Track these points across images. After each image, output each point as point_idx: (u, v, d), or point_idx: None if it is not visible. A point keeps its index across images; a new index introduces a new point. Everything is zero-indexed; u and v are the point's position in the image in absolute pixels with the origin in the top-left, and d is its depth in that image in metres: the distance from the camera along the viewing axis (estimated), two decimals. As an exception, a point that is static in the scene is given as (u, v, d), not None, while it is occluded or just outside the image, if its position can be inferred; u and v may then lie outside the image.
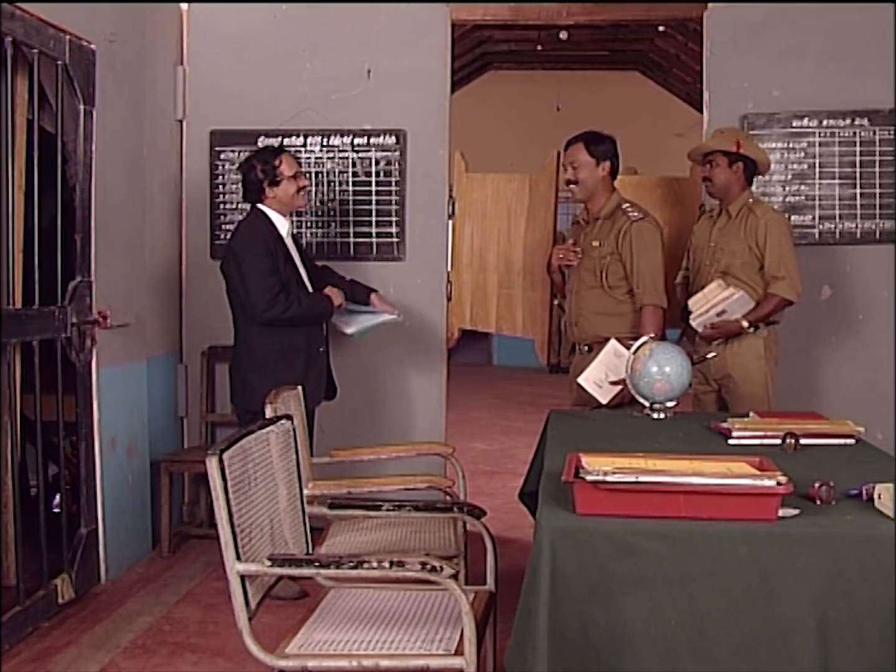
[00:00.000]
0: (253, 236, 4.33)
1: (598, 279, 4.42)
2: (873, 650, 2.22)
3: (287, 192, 4.39)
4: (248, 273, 4.23)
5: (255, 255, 4.25)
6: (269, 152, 4.43)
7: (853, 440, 3.28)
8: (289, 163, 4.40)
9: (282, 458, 2.93)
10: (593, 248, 4.43)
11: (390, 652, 2.58)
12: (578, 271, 4.49)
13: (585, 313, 4.46)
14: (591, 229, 4.48)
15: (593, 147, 4.43)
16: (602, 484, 2.26)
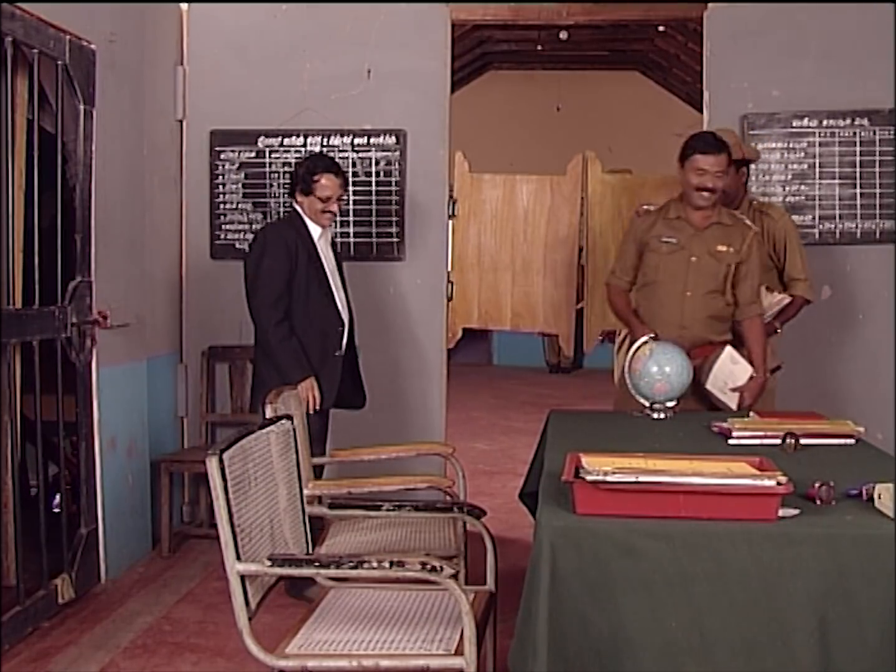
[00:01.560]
0: (274, 237, 4.31)
1: (720, 283, 4.24)
2: (874, 650, 2.21)
3: (313, 206, 4.33)
4: (261, 286, 4.23)
5: (269, 271, 4.22)
6: (319, 164, 4.36)
7: (853, 440, 3.28)
8: (328, 186, 4.31)
9: (282, 457, 2.93)
10: (719, 252, 4.22)
11: (390, 652, 2.58)
12: (693, 273, 4.23)
13: (700, 317, 4.22)
14: (710, 233, 4.23)
15: (730, 153, 4.25)
16: (602, 484, 2.25)
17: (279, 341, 4.19)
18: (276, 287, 4.21)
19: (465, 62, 12.34)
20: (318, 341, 4.31)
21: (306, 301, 4.29)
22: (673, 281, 4.25)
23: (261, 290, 4.22)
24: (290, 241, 4.28)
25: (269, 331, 4.20)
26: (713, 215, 4.25)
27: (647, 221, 4.36)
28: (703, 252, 4.22)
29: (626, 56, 12.88)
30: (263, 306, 4.21)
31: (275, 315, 4.20)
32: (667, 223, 4.29)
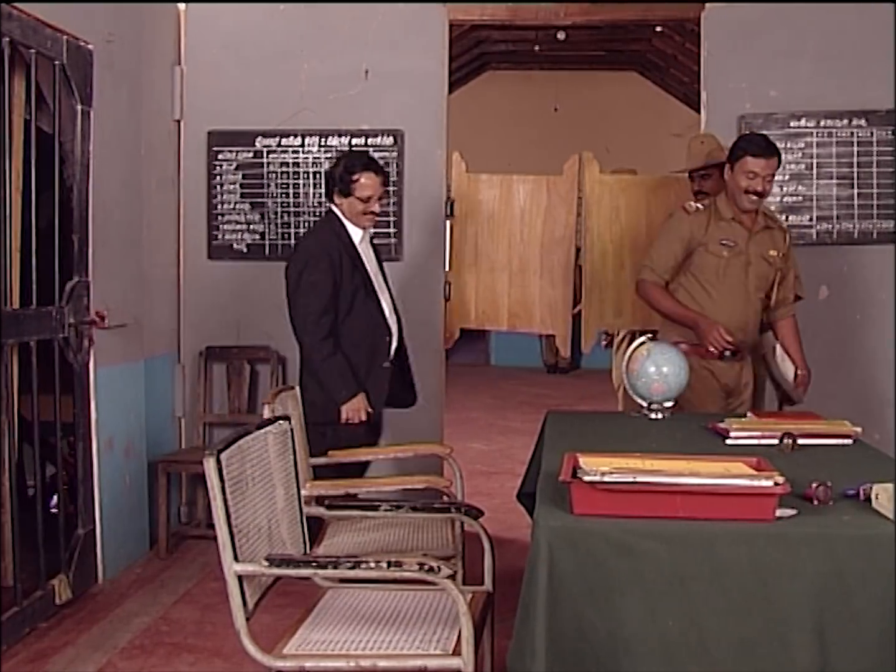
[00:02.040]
0: (317, 250, 4.11)
1: (769, 288, 4.28)
2: (872, 650, 2.22)
3: (352, 208, 4.15)
4: (303, 303, 4.07)
5: (311, 286, 4.05)
6: (358, 162, 4.17)
7: (851, 440, 3.28)
8: (369, 183, 4.13)
9: (280, 458, 2.93)
10: (771, 256, 4.25)
11: (388, 652, 2.58)
12: (752, 278, 4.23)
13: (754, 321, 4.29)
14: (762, 236, 4.25)
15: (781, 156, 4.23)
16: (599, 484, 2.26)
17: (323, 360, 4.05)
18: (319, 302, 4.04)
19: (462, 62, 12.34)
20: (365, 353, 4.16)
21: (351, 311, 4.12)
22: (734, 285, 4.21)
23: (303, 307, 4.06)
24: (333, 250, 4.09)
25: (313, 349, 4.07)
26: (758, 218, 4.25)
27: (698, 220, 4.25)
28: (758, 257, 4.22)
29: (624, 56, 12.89)
30: (307, 324, 4.06)
31: (318, 332, 4.04)
32: (722, 225, 4.22)
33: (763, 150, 4.10)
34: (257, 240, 5.41)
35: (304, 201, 5.39)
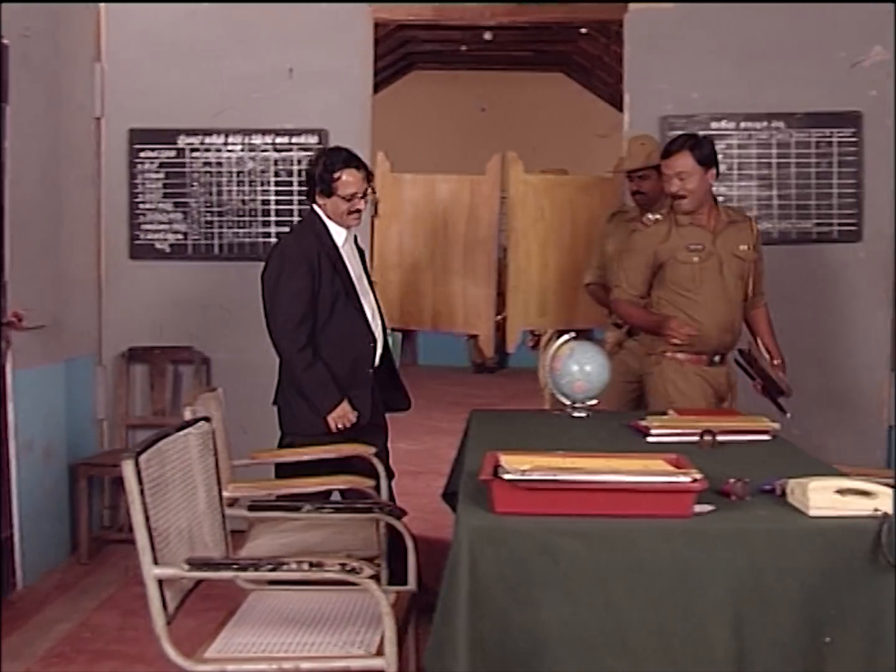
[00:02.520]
0: (294, 253, 3.92)
1: (745, 283, 4.22)
2: (787, 643, 2.26)
3: (336, 208, 3.96)
4: (281, 311, 3.90)
5: (288, 292, 3.88)
6: (337, 158, 3.96)
7: (769, 436, 3.33)
8: (351, 180, 3.93)
9: (201, 460, 2.89)
10: (742, 251, 4.17)
11: (311, 654, 2.56)
12: (728, 278, 4.15)
13: (739, 319, 4.24)
14: (728, 234, 4.17)
15: (698, 153, 4.06)
16: (520, 483, 2.26)
17: (303, 370, 3.89)
18: (297, 309, 3.87)
19: (389, 62, 12.31)
20: (347, 361, 3.99)
21: (331, 318, 3.94)
22: (713, 289, 4.14)
23: (281, 314, 3.89)
24: (311, 253, 3.91)
25: (292, 358, 3.91)
26: (720, 215, 4.19)
27: (658, 232, 4.18)
28: (730, 255, 4.16)
29: (550, 57, 12.96)
30: (284, 332, 3.89)
31: (297, 340, 3.87)
32: (683, 231, 4.14)
33: (665, 150, 4.14)
34: (180, 239, 5.35)
35: (228, 200, 5.34)
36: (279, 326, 3.90)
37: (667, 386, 4.12)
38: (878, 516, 2.29)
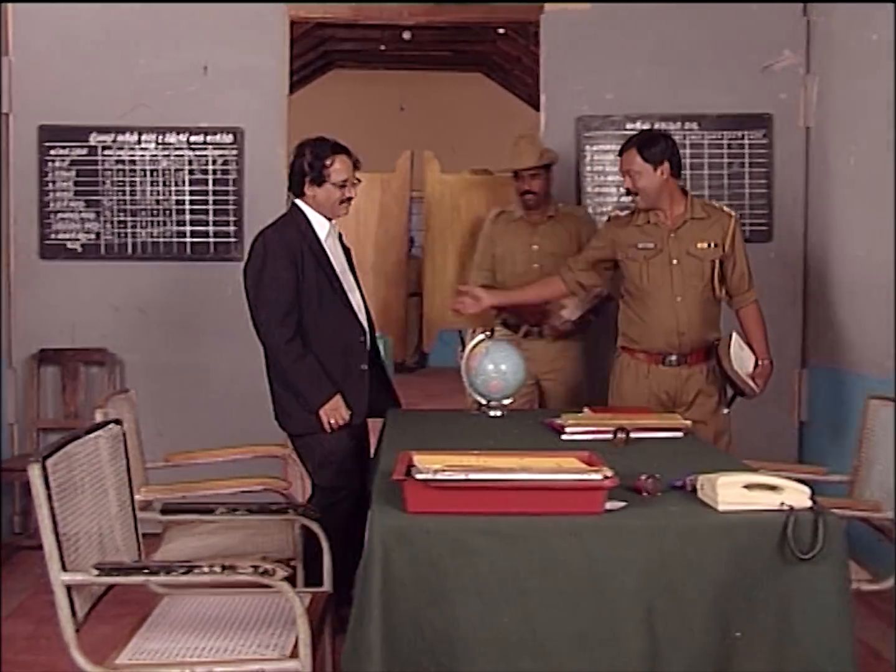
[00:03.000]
0: (276, 245, 3.79)
1: (707, 283, 4.13)
2: (699, 636, 2.29)
3: (329, 197, 3.85)
4: (265, 303, 3.76)
5: (273, 283, 3.74)
6: (325, 146, 3.86)
7: (681, 433, 3.38)
8: (342, 167, 3.85)
9: (112, 463, 2.85)
10: (700, 250, 4.12)
11: (224, 658, 2.55)
12: (678, 277, 4.12)
13: (696, 321, 4.13)
14: (686, 231, 4.13)
15: (646, 151, 4.06)
16: (432, 482, 2.27)
17: (293, 361, 3.74)
18: (283, 300, 3.73)
19: (307, 60, 12.22)
20: (339, 357, 3.83)
21: (319, 313, 3.81)
22: (660, 287, 4.13)
23: (265, 306, 3.75)
24: (294, 244, 3.80)
25: (280, 350, 3.75)
26: (685, 211, 4.15)
27: (621, 225, 4.25)
28: (683, 253, 4.11)
29: (469, 57, 12.99)
30: (270, 324, 3.74)
31: (284, 332, 3.72)
32: (639, 228, 4.18)
33: (622, 147, 4.18)
34: (92, 239, 5.24)
35: (142, 199, 5.25)
36: (265, 317, 3.75)
37: (615, 381, 4.24)
38: (785, 510, 2.33)
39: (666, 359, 4.13)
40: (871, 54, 4.76)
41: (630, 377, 4.20)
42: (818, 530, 2.28)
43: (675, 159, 4.13)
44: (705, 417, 4.11)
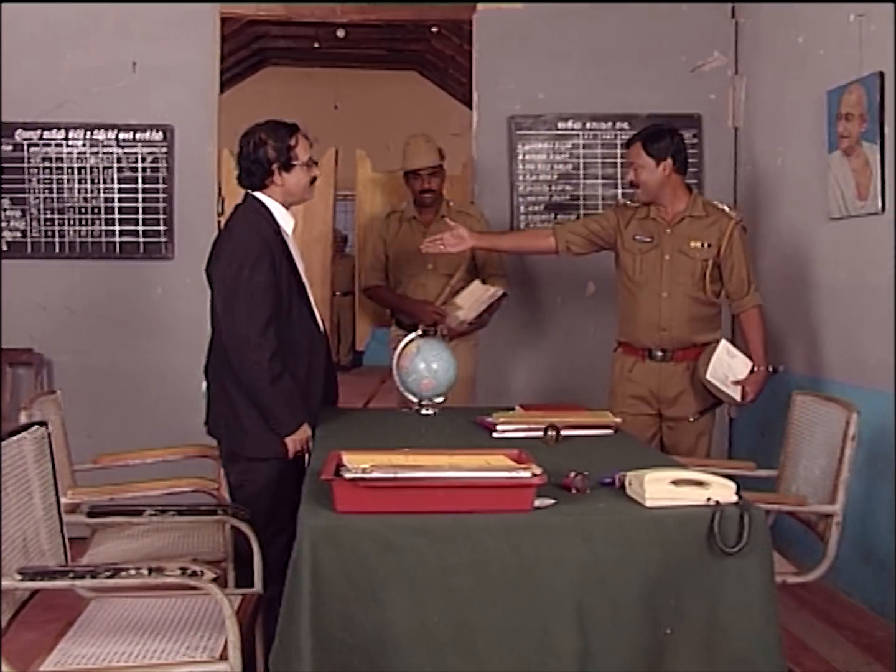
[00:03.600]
0: (254, 244, 3.37)
1: (697, 282, 4.11)
2: (628, 631, 2.30)
3: (299, 181, 3.52)
4: (245, 312, 3.30)
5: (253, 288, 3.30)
6: (282, 128, 3.52)
7: (612, 430, 3.40)
8: (304, 146, 3.53)
9: (37, 465, 2.79)
10: (692, 248, 4.10)
11: (152, 662, 2.51)
12: (667, 273, 4.12)
13: (679, 318, 4.11)
14: (682, 228, 4.14)
15: (651, 146, 4.07)
16: (360, 481, 2.25)
17: (270, 382, 3.30)
18: (263, 313, 3.30)
19: (241, 57, 12.13)
20: (305, 356, 3.52)
21: (289, 314, 3.45)
22: (649, 282, 4.14)
23: (243, 319, 3.29)
24: (270, 243, 3.41)
25: (260, 368, 3.28)
26: (685, 209, 4.15)
27: (626, 214, 4.25)
28: (675, 250, 4.11)
29: (404, 56, 12.98)
30: (250, 340, 3.28)
31: (265, 350, 3.28)
32: (640, 222, 4.20)
33: (628, 140, 4.21)
34: (18, 237, 5.16)
35: (70, 198, 5.18)
36: (243, 332, 3.29)
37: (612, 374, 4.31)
38: (711, 505, 2.35)
39: (651, 354, 4.17)
40: (798, 56, 4.85)
41: (618, 371, 4.28)
42: (743, 524, 2.31)
43: (679, 156, 4.12)
44: (687, 416, 4.17)
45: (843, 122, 4.33)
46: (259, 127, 3.56)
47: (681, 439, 4.21)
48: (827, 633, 4.04)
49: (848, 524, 3.29)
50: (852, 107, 4.26)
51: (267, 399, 3.33)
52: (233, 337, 3.32)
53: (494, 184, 5.40)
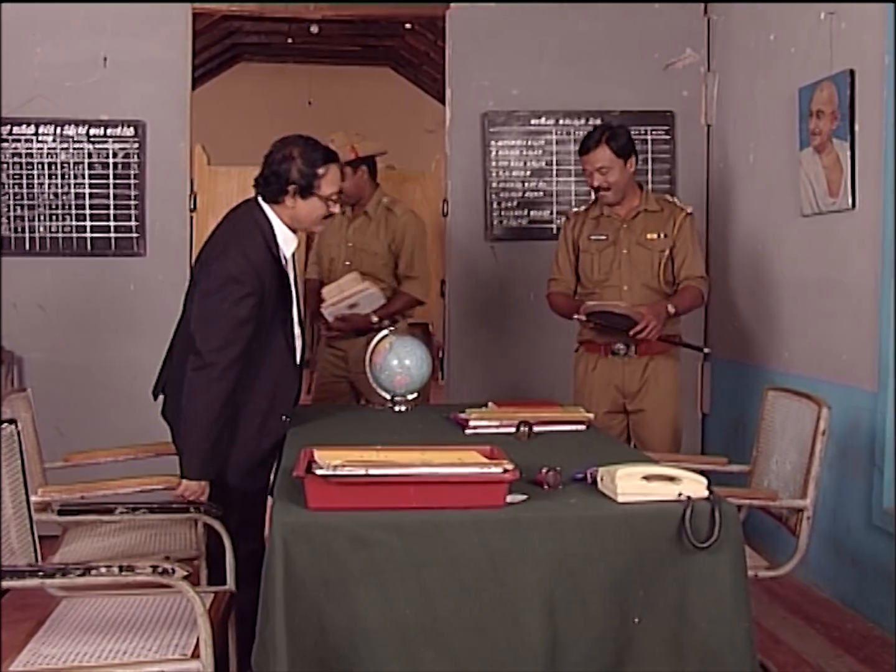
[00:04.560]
0: (244, 270, 3.12)
1: (654, 273, 4.17)
2: (597, 624, 2.31)
3: (312, 212, 3.29)
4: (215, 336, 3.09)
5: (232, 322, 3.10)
6: (318, 152, 3.27)
7: (584, 426, 3.40)
8: (333, 179, 3.29)
9: (6, 464, 2.77)
10: (650, 240, 4.16)
11: (123, 661, 2.50)
12: (626, 266, 4.16)
13: None
14: (637, 223, 4.19)
15: (616, 145, 4.07)
16: (332, 478, 2.25)
17: (209, 423, 3.08)
18: (239, 344, 3.10)
19: (214, 53, 12.08)
20: (267, 392, 3.26)
21: (262, 349, 3.22)
22: (609, 278, 4.18)
23: (218, 344, 3.08)
24: (264, 271, 3.19)
25: (207, 398, 3.08)
26: (639, 204, 4.20)
27: (574, 223, 4.31)
28: (633, 243, 4.17)
29: (378, 52, 12.96)
30: (217, 364, 3.07)
31: (224, 383, 3.09)
32: (593, 221, 4.25)
33: (581, 146, 4.14)
34: (-12, 234, 5.12)
35: (40, 193, 5.13)
36: (211, 358, 3.08)
37: (575, 375, 4.32)
38: (682, 501, 2.36)
39: (613, 350, 4.18)
40: (769, 53, 4.88)
41: (581, 369, 4.30)
42: (715, 519, 2.32)
43: (635, 150, 4.18)
44: (654, 408, 4.21)
45: (814, 120, 4.36)
46: (297, 140, 3.31)
47: (649, 433, 4.24)
48: (798, 627, 4.07)
49: (819, 519, 3.32)
50: (823, 104, 4.29)
51: (194, 432, 3.10)
52: (200, 355, 3.09)
53: (468, 180, 5.40)
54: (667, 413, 4.25)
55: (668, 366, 4.24)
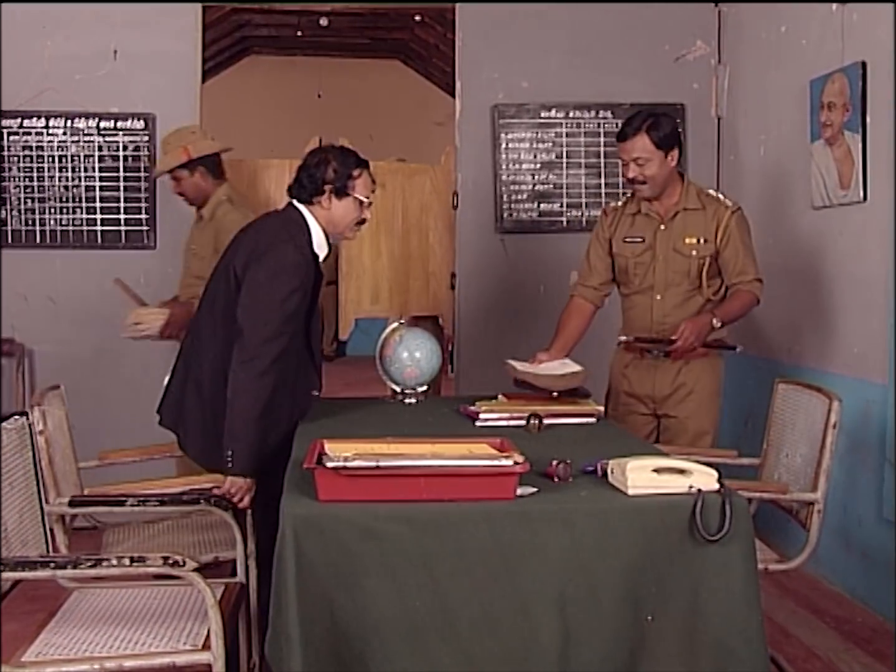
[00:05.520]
0: (296, 264, 3.16)
1: (693, 281, 3.82)
2: (610, 618, 2.31)
3: (345, 214, 3.31)
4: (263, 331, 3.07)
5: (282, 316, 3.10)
6: (352, 157, 3.33)
7: (594, 418, 3.40)
8: (366, 183, 3.33)
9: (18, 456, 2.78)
10: (687, 245, 3.79)
11: (135, 652, 2.51)
12: (661, 274, 3.83)
13: (672, 321, 3.80)
14: (676, 224, 3.83)
15: (657, 136, 3.68)
16: (342, 470, 2.25)
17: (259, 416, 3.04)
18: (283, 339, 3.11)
19: (223, 46, 12.07)
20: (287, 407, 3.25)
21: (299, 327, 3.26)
22: (643, 284, 3.88)
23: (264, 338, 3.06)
24: (308, 274, 3.22)
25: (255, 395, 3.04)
26: (678, 201, 3.83)
27: (611, 219, 3.96)
28: (668, 249, 3.81)
29: (387, 45, 12.93)
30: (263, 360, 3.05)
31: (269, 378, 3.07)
32: (629, 219, 3.90)
33: (620, 133, 3.78)
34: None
35: (50, 186, 5.15)
36: (257, 353, 3.06)
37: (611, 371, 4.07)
38: (693, 493, 2.36)
39: (649, 351, 3.90)
40: (780, 45, 4.86)
41: (616, 369, 4.05)
42: (725, 512, 2.32)
43: (680, 142, 3.83)
44: (685, 414, 3.91)
45: (825, 112, 4.34)
46: (330, 147, 3.40)
47: (678, 439, 3.92)
48: (808, 620, 4.06)
49: (829, 512, 3.31)
50: (835, 96, 4.27)
51: (242, 426, 3.04)
52: (246, 348, 3.07)
53: (478, 173, 5.40)
54: (701, 421, 3.93)
55: (705, 369, 3.93)
